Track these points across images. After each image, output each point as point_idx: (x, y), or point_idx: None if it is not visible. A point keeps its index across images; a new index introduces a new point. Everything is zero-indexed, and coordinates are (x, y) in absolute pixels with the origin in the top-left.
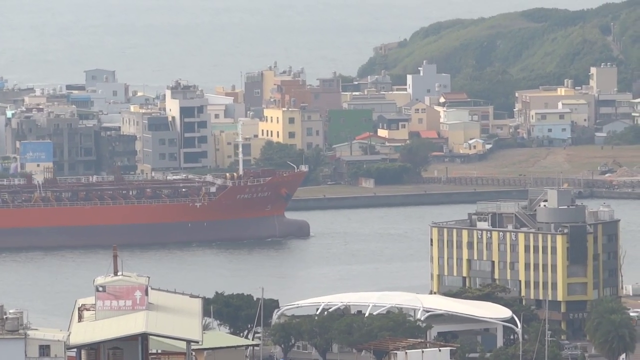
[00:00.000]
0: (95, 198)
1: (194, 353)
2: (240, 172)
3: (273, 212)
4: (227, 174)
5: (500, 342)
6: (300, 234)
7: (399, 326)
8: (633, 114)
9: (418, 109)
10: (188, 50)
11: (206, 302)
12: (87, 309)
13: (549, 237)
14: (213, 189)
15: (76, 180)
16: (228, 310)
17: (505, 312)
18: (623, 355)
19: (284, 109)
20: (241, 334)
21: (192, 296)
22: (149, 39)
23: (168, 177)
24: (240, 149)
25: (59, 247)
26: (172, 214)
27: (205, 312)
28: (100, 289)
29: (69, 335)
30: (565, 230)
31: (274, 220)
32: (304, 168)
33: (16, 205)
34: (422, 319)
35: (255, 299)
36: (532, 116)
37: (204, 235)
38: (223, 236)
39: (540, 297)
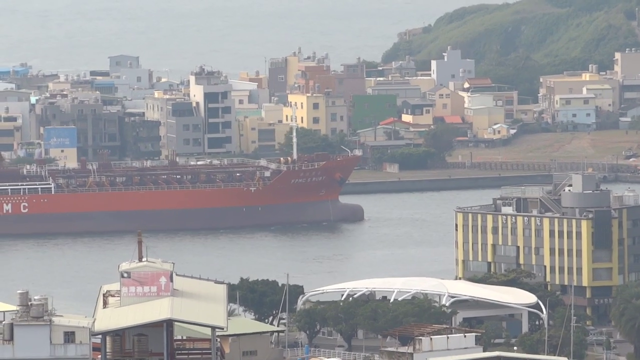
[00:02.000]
0: (150, 183)
1: (219, 339)
2: (294, 156)
3: (327, 197)
4: (281, 159)
5: (525, 327)
6: (354, 218)
7: (424, 312)
8: None
9: (442, 94)
10: (206, 35)
11: (231, 288)
12: (112, 295)
13: (574, 222)
14: (267, 174)
15: (130, 165)
16: (253, 296)
17: (530, 298)
18: None
19: (308, 94)
20: (266, 320)
21: (216, 282)
22: (160, 24)
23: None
24: (294, 134)
25: (113, 232)
26: (226, 199)
27: (231, 298)
28: (125, 275)
29: (93, 322)
30: (590, 215)
31: (328, 204)
32: (358, 152)
33: (71, 190)
34: (447, 304)
35: (280, 285)
36: (557, 101)
37: (259, 220)
38: (277, 221)
39: (566, 283)
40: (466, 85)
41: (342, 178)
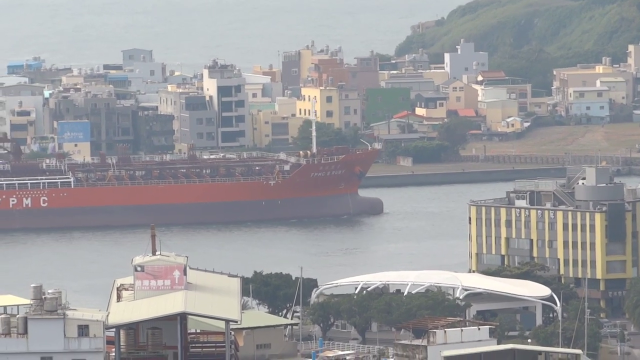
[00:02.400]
0: (169, 177)
1: (232, 332)
2: (314, 150)
3: (346, 190)
4: (301, 152)
5: (539, 320)
6: (373, 211)
7: (438, 305)
8: None
9: (456, 87)
10: (215, 29)
11: (245, 281)
12: (126, 289)
13: (588, 215)
14: (287, 167)
15: (150, 158)
16: (267, 289)
17: (544, 291)
18: None
19: (321, 87)
20: (280, 314)
21: (230, 275)
22: (169, 18)
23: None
24: (314, 127)
25: (132, 225)
26: (246, 193)
27: (244, 292)
28: (139, 268)
29: (107, 315)
30: (604, 208)
31: (347, 198)
32: (377, 146)
33: (90, 184)
34: (461, 297)
35: (294, 278)
36: (570, 94)
37: (278, 214)
38: (297, 214)
39: (579, 275)
40: (479, 78)
41: (362, 172)
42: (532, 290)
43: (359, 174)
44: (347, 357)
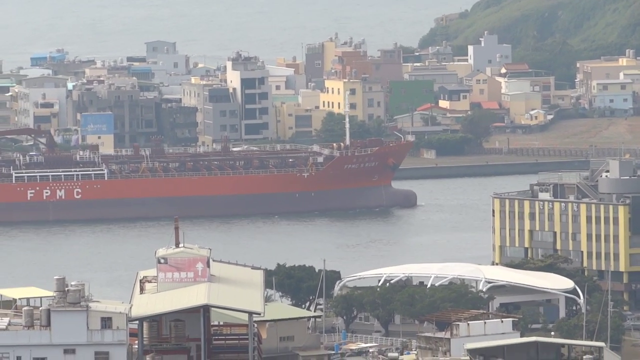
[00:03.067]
0: (203, 169)
1: (256, 325)
2: (347, 142)
3: (380, 182)
4: (334, 144)
5: (562, 313)
6: (407, 203)
7: (461, 297)
8: None
9: (479, 80)
10: (244, 21)
11: (268, 273)
12: (149, 281)
13: (611, 207)
14: (320, 159)
15: (183, 150)
16: (290, 282)
17: (567, 283)
18: None
19: (345, 80)
20: (303, 306)
21: (253, 268)
22: (187, 11)
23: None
24: (347, 119)
25: (166, 217)
26: (279, 184)
27: (267, 284)
28: (162, 260)
29: (130, 308)
30: (627, 201)
31: (380, 190)
32: (411, 138)
33: (124, 175)
34: (484, 290)
35: (317, 270)
36: (594, 87)
37: (311, 206)
38: (330, 206)
39: (603, 268)
40: (503, 70)
41: (395, 164)
42: (555, 282)
43: (392, 166)
44: (370, 350)
